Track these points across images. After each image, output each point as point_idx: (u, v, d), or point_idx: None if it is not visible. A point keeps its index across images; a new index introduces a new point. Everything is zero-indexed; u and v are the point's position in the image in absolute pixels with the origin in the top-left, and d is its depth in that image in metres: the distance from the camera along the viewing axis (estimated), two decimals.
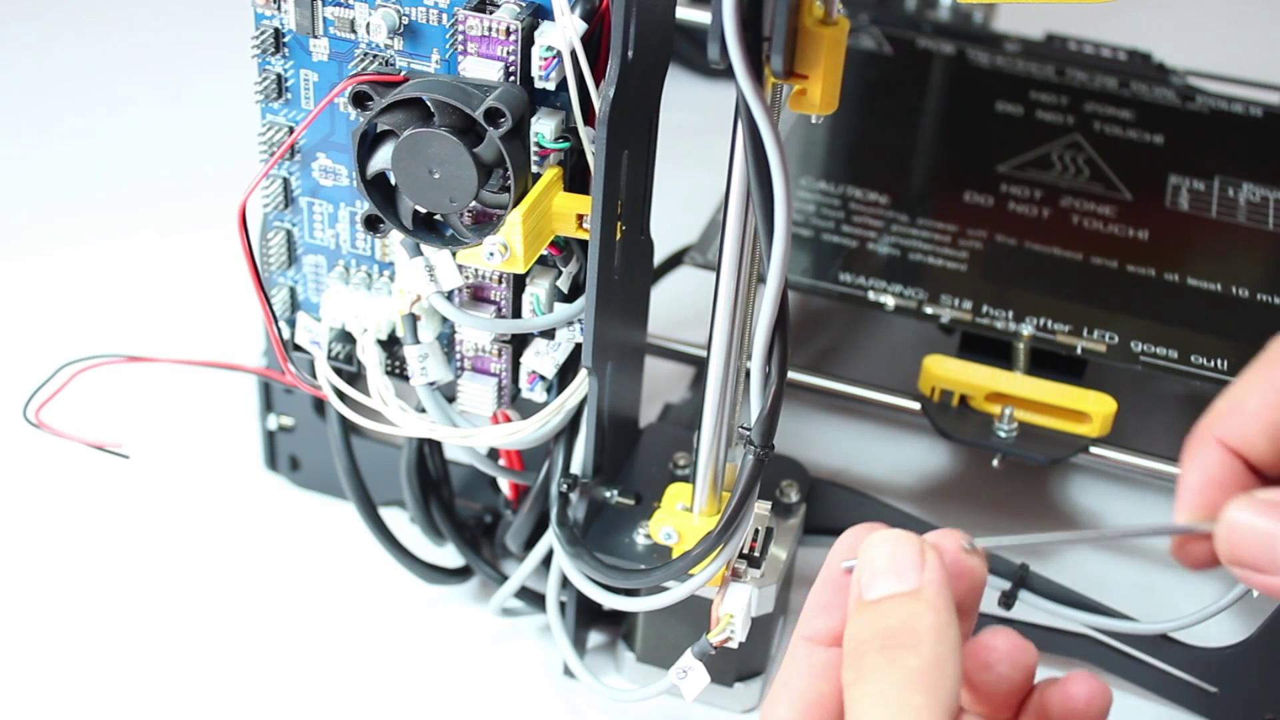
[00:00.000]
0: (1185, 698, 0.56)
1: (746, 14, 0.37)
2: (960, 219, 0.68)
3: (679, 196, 0.64)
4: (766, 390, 0.44)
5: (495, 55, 0.46)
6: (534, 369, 0.52)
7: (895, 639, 0.36)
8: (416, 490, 0.56)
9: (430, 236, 0.48)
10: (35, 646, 0.57)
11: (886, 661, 0.35)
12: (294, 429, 0.62)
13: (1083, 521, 0.65)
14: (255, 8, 0.50)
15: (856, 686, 0.36)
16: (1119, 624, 0.54)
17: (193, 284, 0.74)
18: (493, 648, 0.58)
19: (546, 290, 0.50)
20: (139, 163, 0.83)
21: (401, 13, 0.48)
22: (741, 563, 0.50)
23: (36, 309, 0.73)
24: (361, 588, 0.60)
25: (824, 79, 0.40)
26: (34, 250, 0.76)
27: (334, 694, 0.56)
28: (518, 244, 0.46)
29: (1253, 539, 0.37)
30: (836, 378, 0.64)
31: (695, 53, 0.87)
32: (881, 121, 0.75)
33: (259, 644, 0.57)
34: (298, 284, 0.55)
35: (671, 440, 0.57)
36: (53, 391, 0.51)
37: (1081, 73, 0.78)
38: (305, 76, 0.51)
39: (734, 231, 0.44)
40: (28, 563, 0.60)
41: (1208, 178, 0.72)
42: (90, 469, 0.62)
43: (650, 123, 0.50)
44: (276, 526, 0.62)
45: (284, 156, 0.52)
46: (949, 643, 0.36)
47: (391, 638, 0.58)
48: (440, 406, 0.52)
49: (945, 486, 0.66)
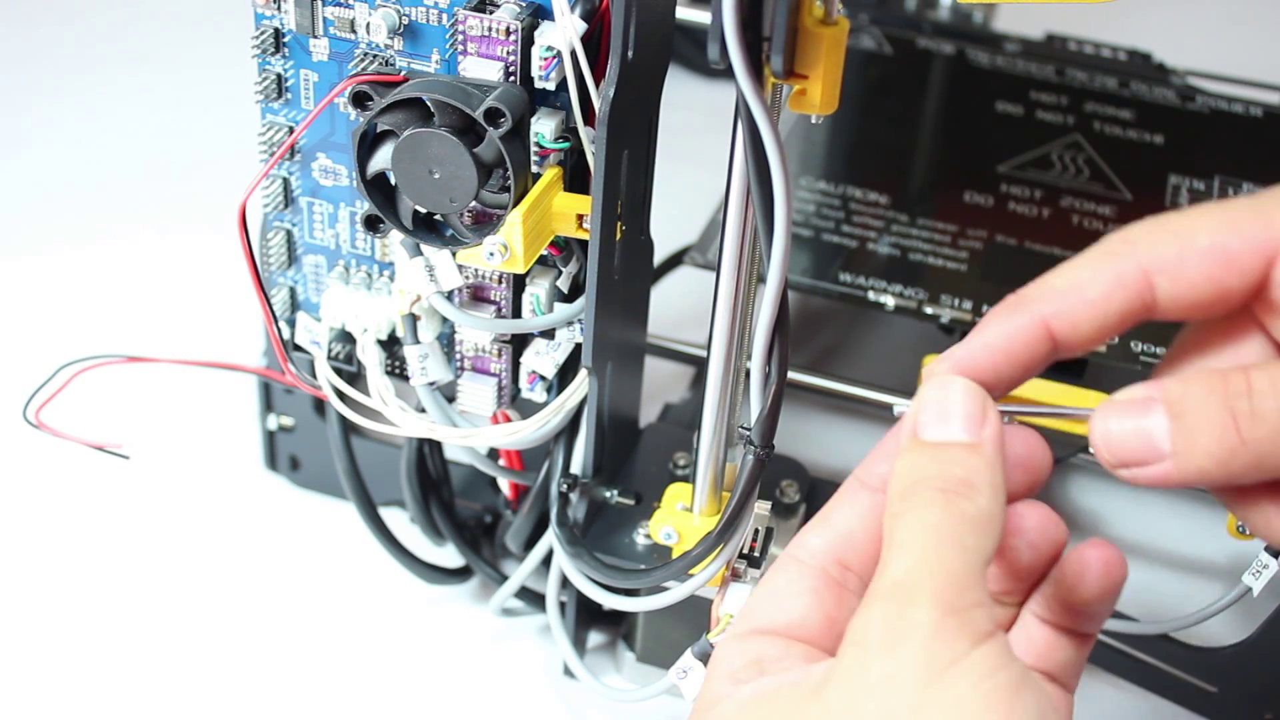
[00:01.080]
0: (1185, 698, 0.56)
1: (746, 14, 0.37)
2: (960, 219, 0.68)
3: (679, 196, 0.64)
4: (766, 390, 0.44)
5: (495, 55, 0.46)
6: (534, 369, 0.52)
7: (957, 484, 0.36)
8: (416, 490, 0.56)
9: (430, 236, 0.48)
10: (36, 647, 0.57)
11: (946, 500, 0.36)
12: (294, 429, 0.62)
13: (1083, 521, 0.65)
14: (255, 8, 0.50)
15: (909, 515, 0.36)
16: (1119, 624, 0.54)
17: (193, 284, 0.74)
18: (493, 648, 0.58)
19: (546, 290, 0.50)
20: (139, 163, 0.83)
21: (401, 13, 0.48)
22: (741, 563, 0.49)
23: (36, 309, 0.73)
24: (361, 588, 0.60)
25: (824, 79, 0.40)
26: (34, 250, 0.76)
27: (334, 694, 0.56)
28: (518, 244, 0.46)
29: (1130, 438, 0.38)
30: (836, 378, 0.64)
31: (695, 53, 0.87)
32: (881, 121, 0.75)
33: (259, 644, 0.57)
34: (298, 284, 0.55)
35: (671, 440, 0.57)
36: (53, 392, 0.51)
37: (1081, 73, 0.78)
38: (305, 76, 0.51)
39: (734, 231, 0.44)
40: (28, 563, 0.60)
41: (1208, 178, 0.72)
42: (90, 469, 0.62)
43: (650, 123, 0.50)
44: (276, 526, 0.62)
45: (284, 156, 0.52)
46: (1001, 503, 0.37)
47: (391, 638, 0.58)
48: (440, 406, 0.52)
49: None
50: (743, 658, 0.39)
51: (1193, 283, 0.39)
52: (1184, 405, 0.38)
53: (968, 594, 0.35)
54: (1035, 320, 0.39)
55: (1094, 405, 0.39)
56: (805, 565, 0.40)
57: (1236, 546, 0.62)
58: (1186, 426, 0.37)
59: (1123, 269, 0.39)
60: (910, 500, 0.36)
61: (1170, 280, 0.39)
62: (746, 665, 0.38)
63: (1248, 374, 0.38)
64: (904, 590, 0.35)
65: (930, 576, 0.35)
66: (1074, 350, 0.40)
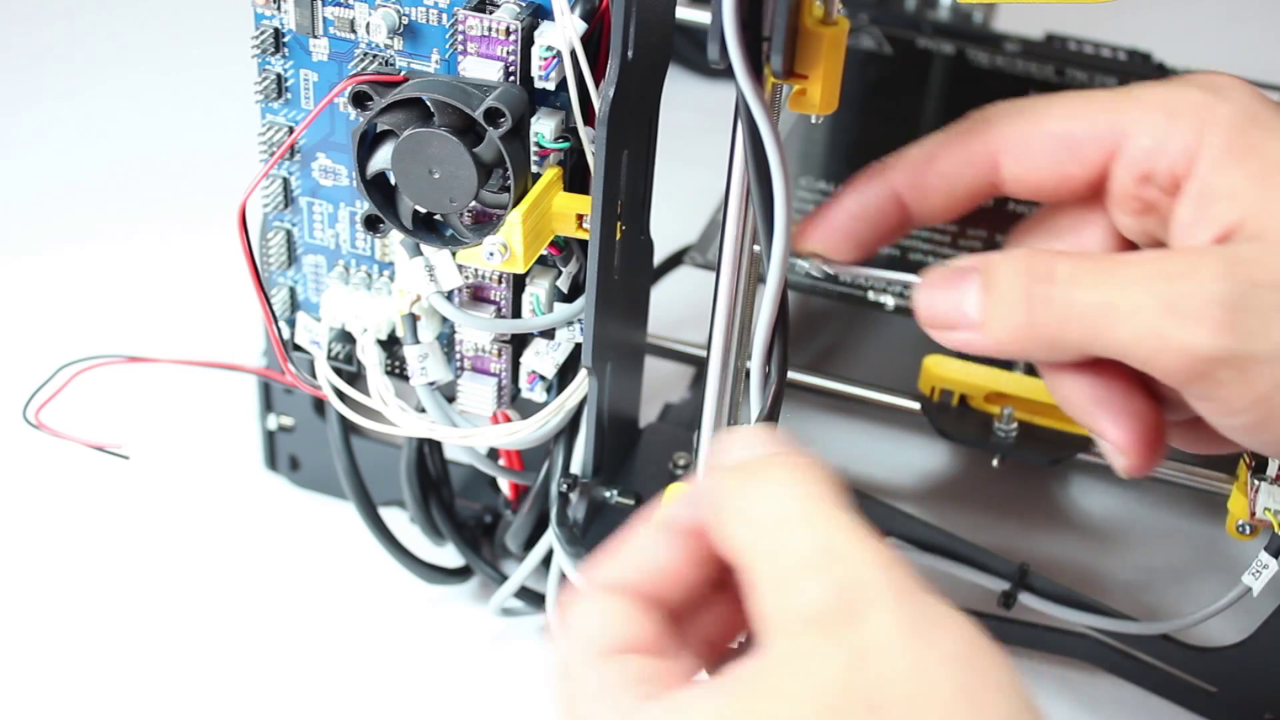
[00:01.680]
0: (1185, 698, 0.56)
1: (746, 14, 0.37)
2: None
3: (679, 196, 0.64)
4: (766, 390, 0.44)
5: (495, 55, 0.46)
6: (534, 369, 0.52)
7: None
8: (416, 490, 0.56)
9: (430, 236, 0.48)
10: (35, 647, 0.57)
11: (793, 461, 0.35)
12: (294, 429, 0.62)
13: (1083, 521, 0.65)
14: (255, 8, 0.50)
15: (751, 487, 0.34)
16: (1119, 624, 0.54)
17: (193, 284, 0.74)
18: (493, 648, 0.58)
19: (546, 290, 0.50)
20: (138, 163, 0.83)
21: (401, 13, 0.48)
22: None
23: (36, 309, 0.73)
24: (361, 588, 0.60)
25: (824, 79, 0.40)
26: (34, 250, 0.76)
27: (334, 694, 0.56)
28: (518, 244, 0.46)
29: (946, 301, 0.40)
30: (836, 378, 0.64)
31: (695, 53, 0.87)
32: (881, 121, 0.75)
33: (259, 644, 0.57)
34: (298, 284, 0.55)
35: (671, 440, 0.57)
36: (53, 392, 0.51)
37: (1081, 73, 0.78)
38: (305, 76, 0.51)
39: (734, 231, 0.44)
40: (28, 564, 0.60)
41: None
42: (90, 470, 0.62)
43: (650, 123, 0.50)
44: (276, 526, 0.62)
45: (284, 156, 0.52)
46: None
47: (391, 638, 0.58)
48: (440, 406, 0.52)
49: (945, 486, 0.66)
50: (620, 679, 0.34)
51: (1036, 167, 0.41)
52: (994, 279, 0.40)
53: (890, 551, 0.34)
54: (888, 190, 0.42)
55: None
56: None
57: (1236, 546, 0.62)
58: (994, 300, 0.39)
59: (973, 147, 0.41)
60: (762, 479, 0.34)
61: (1015, 162, 0.41)
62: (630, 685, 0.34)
63: (1055, 260, 0.39)
64: (833, 558, 0.32)
65: (854, 541, 0.33)
66: (926, 220, 0.43)
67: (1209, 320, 0.37)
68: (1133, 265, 0.39)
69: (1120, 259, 0.39)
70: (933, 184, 0.42)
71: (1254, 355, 0.37)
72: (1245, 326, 0.37)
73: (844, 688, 0.31)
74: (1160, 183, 0.40)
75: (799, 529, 0.33)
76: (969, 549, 0.56)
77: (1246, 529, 0.51)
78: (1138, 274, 0.38)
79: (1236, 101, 0.39)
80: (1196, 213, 0.39)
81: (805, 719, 0.31)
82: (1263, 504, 0.50)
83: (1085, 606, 0.55)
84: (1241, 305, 0.37)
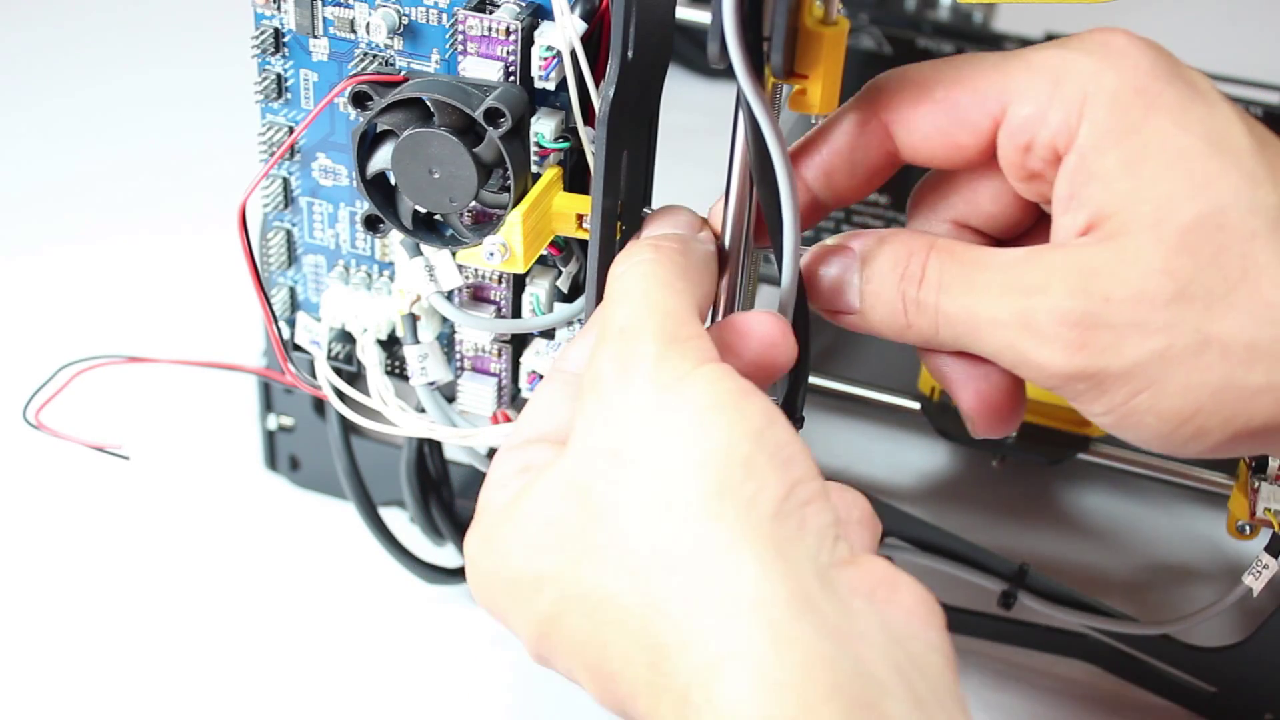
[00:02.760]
0: (1185, 698, 0.56)
1: (746, 14, 0.37)
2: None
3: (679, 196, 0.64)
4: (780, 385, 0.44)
5: (495, 55, 0.46)
6: (534, 369, 0.52)
7: (669, 240, 0.42)
8: (416, 490, 0.56)
9: (430, 236, 0.48)
10: (35, 647, 0.57)
11: (657, 251, 0.40)
12: (294, 429, 0.62)
13: (1083, 521, 0.65)
14: (255, 8, 0.50)
15: (625, 270, 0.40)
16: (1119, 624, 0.54)
17: (193, 284, 0.74)
18: (493, 648, 0.58)
19: (546, 290, 0.50)
20: (138, 162, 0.83)
21: (401, 13, 0.48)
22: None
23: (36, 309, 0.73)
24: (361, 588, 0.60)
25: (824, 79, 0.40)
26: (34, 250, 0.76)
27: (334, 694, 0.56)
28: (518, 244, 0.46)
29: (830, 284, 0.41)
30: (836, 378, 0.64)
31: (695, 53, 0.87)
32: None
33: (259, 644, 0.57)
34: (298, 284, 0.55)
35: None
36: (53, 392, 0.51)
37: None
38: (305, 76, 0.51)
39: (733, 231, 0.44)
40: (28, 564, 0.60)
41: None
42: (90, 470, 0.62)
43: (650, 123, 0.50)
44: (276, 526, 0.62)
45: (284, 156, 0.52)
46: (710, 254, 0.43)
47: (391, 638, 0.58)
48: (440, 406, 0.52)
49: (945, 486, 0.66)
50: (514, 465, 0.39)
51: (927, 136, 0.41)
52: (871, 271, 0.41)
53: (685, 328, 0.37)
54: (801, 181, 0.42)
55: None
56: (570, 375, 0.41)
57: (1236, 546, 0.62)
58: (870, 293, 0.40)
59: (866, 120, 0.41)
60: (626, 260, 0.39)
61: (906, 132, 0.41)
62: (517, 472, 0.39)
63: (926, 260, 0.40)
64: (627, 333, 0.37)
65: (649, 316, 0.37)
66: (838, 204, 0.42)
67: (1060, 341, 0.37)
68: (994, 271, 0.39)
69: (985, 260, 0.39)
70: (833, 164, 0.42)
71: (1107, 372, 0.37)
72: (1097, 344, 0.37)
73: (596, 441, 0.36)
74: (1041, 154, 0.39)
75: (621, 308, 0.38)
76: (969, 549, 0.56)
77: (1247, 529, 0.51)
78: (998, 282, 0.38)
79: (1126, 71, 0.38)
80: (1070, 190, 0.38)
81: (566, 471, 0.37)
82: (1263, 504, 0.50)
83: (1085, 606, 0.55)
84: (1094, 323, 0.37)
